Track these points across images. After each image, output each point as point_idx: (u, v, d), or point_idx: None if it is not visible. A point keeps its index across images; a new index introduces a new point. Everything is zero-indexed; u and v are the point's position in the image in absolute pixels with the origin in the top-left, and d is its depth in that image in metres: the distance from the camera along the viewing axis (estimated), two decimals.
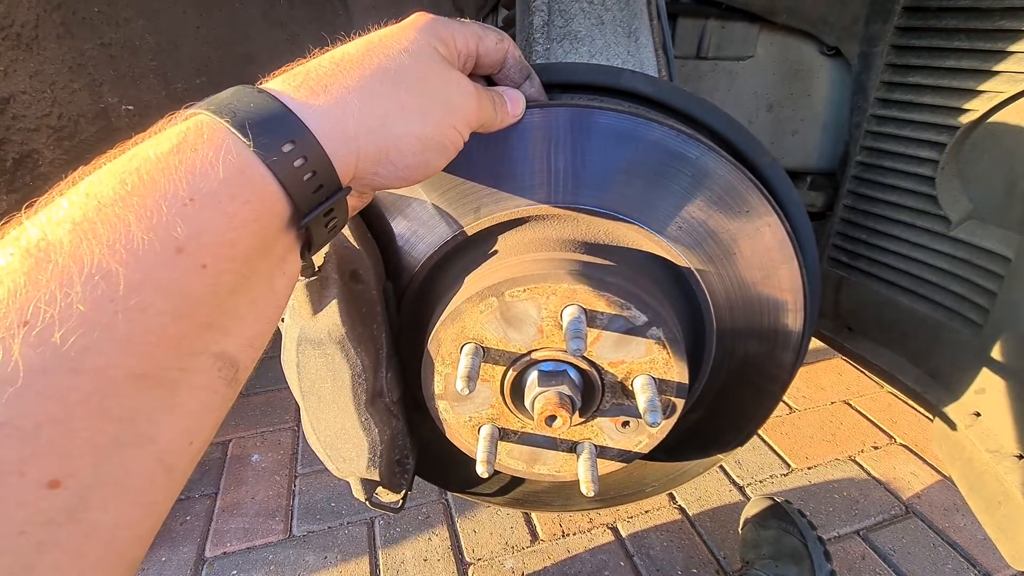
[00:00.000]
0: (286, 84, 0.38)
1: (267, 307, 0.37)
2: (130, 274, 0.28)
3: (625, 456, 0.65)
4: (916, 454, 1.71)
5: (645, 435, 0.63)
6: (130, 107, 0.86)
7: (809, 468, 1.66)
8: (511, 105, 0.53)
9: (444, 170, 0.58)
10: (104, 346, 0.27)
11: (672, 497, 1.57)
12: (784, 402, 1.92)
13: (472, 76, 0.53)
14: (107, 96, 0.84)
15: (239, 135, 0.33)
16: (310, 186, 0.36)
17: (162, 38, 0.87)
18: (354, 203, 0.45)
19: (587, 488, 0.60)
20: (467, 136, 0.47)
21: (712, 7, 1.07)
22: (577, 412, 0.59)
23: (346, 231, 0.60)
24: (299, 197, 0.35)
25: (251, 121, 0.33)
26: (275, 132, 0.34)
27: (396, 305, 0.68)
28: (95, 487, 0.28)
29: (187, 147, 0.32)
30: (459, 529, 1.48)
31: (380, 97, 0.39)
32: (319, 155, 0.36)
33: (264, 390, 2.03)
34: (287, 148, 0.34)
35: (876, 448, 1.73)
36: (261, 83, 0.38)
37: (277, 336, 0.64)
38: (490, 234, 0.63)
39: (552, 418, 0.57)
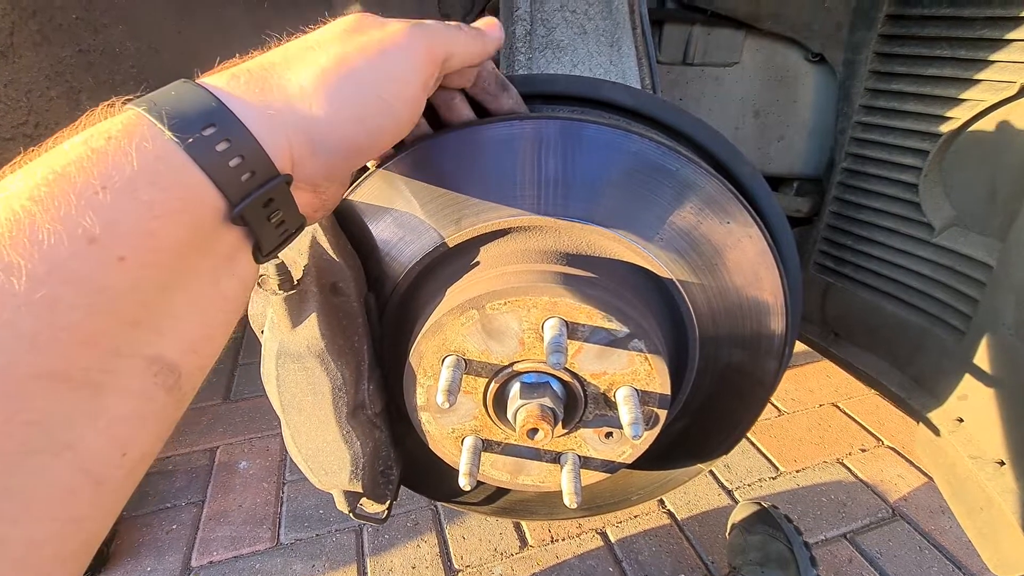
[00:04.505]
0: (213, 75, 0.36)
1: (212, 309, 0.35)
2: (34, 267, 0.26)
3: (609, 467, 0.65)
4: (903, 456, 1.72)
5: (628, 446, 0.63)
6: None
7: (797, 471, 1.67)
8: (487, 29, 0.50)
9: (428, 181, 0.58)
10: (6, 343, 0.25)
11: (661, 502, 1.57)
12: (773, 405, 1.93)
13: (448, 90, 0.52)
14: (86, 104, 0.82)
15: (155, 121, 0.31)
16: (238, 172, 0.34)
17: (142, 44, 0.86)
18: (308, 199, 0.42)
19: (570, 500, 0.60)
20: (430, 85, 0.45)
21: (698, 13, 1.07)
22: (560, 424, 0.59)
23: (325, 243, 0.59)
24: (227, 184, 0.33)
25: (169, 108, 0.32)
26: (195, 117, 0.32)
27: (378, 315, 0.67)
28: (0, 496, 0.26)
29: (100, 136, 0.30)
30: (448, 536, 1.48)
31: (309, 73, 0.38)
32: (246, 139, 0.34)
33: (252, 396, 2.02)
34: (209, 132, 0.32)
35: (864, 451, 1.75)
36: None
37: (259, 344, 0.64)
38: (472, 245, 0.63)
39: (534, 431, 0.57)
